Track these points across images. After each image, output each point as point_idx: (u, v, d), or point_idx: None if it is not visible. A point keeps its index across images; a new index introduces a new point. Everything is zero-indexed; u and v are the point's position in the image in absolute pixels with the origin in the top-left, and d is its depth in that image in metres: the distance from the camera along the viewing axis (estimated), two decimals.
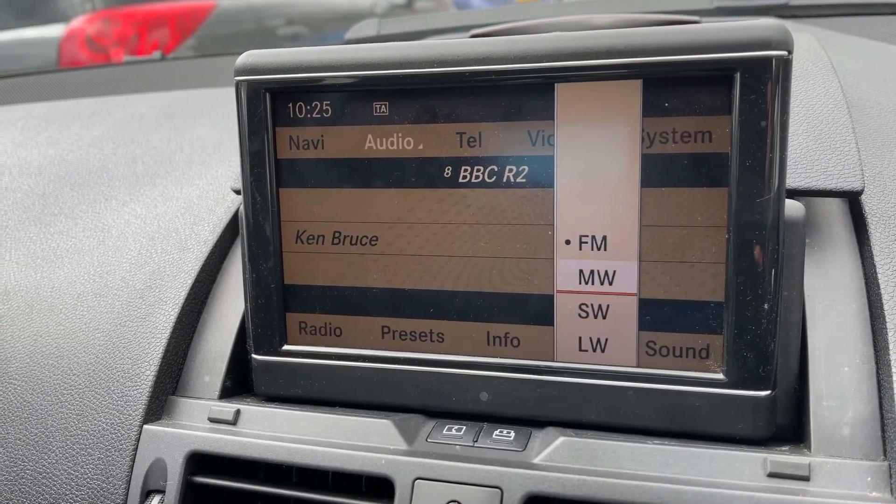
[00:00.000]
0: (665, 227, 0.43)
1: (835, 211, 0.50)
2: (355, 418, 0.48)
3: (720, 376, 0.42)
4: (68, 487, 0.51)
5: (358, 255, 0.48)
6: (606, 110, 0.42)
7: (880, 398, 0.42)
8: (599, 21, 0.71)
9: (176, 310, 0.54)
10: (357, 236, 0.48)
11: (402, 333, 0.48)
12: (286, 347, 0.50)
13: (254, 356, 0.51)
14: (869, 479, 0.39)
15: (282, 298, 0.50)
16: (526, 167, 0.44)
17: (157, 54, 1.24)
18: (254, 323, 0.50)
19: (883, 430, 0.41)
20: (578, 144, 0.43)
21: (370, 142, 0.47)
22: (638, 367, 0.44)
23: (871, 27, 0.87)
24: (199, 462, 0.49)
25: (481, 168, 0.45)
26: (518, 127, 0.44)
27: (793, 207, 0.43)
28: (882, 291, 0.43)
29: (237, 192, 0.60)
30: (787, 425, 0.44)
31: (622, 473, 0.41)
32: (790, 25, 0.40)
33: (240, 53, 0.48)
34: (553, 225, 0.44)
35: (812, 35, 0.65)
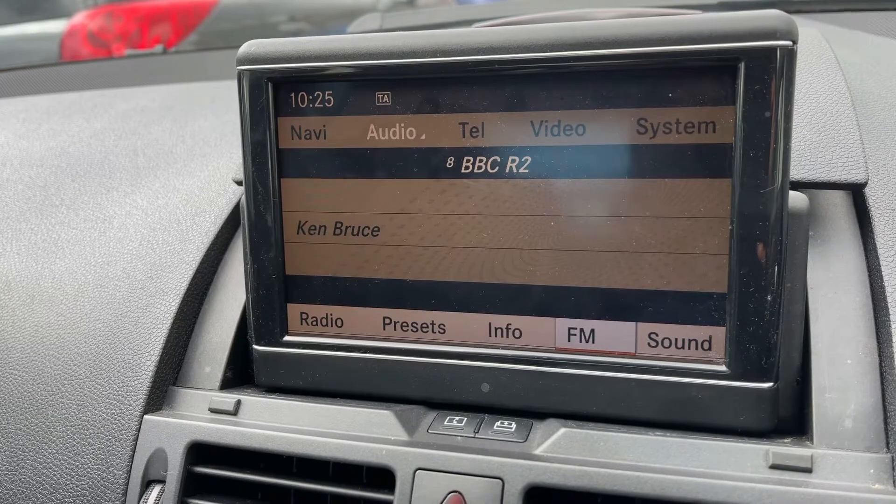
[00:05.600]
0: (668, 218, 0.42)
1: (838, 203, 0.50)
2: (356, 409, 0.48)
3: (722, 368, 0.42)
4: (69, 477, 0.51)
5: (359, 246, 0.48)
6: (610, 100, 0.42)
7: (883, 390, 0.41)
8: (602, 15, 0.71)
9: (177, 300, 0.54)
10: (359, 227, 0.48)
11: (404, 324, 0.48)
12: (287, 338, 0.50)
13: (255, 347, 0.51)
14: (871, 471, 0.39)
15: (283, 289, 0.50)
16: (529, 157, 0.44)
17: (159, 48, 1.24)
18: (255, 314, 0.50)
19: (885, 423, 0.41)
20: (582, 134, 0.43)
21: (372, 132, 0.47)
22: (640, 358, 0.44)
23: (876, 22, 0.87)
24: (200, 452, 0.49)
25: (484, 158, 0.45)
26: (521, 117, 0.44)
27: (796, 199, 0.43)
28: (885, 283, 0.43)
29: (238, 183, 0.60)
30: (789, 417, 0.44)
31: (623, 464, 0.41)
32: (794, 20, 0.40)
33: None
34: (556, 215, 0.44)
35: (816, 30, 0.65)
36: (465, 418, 0.46)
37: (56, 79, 1.19)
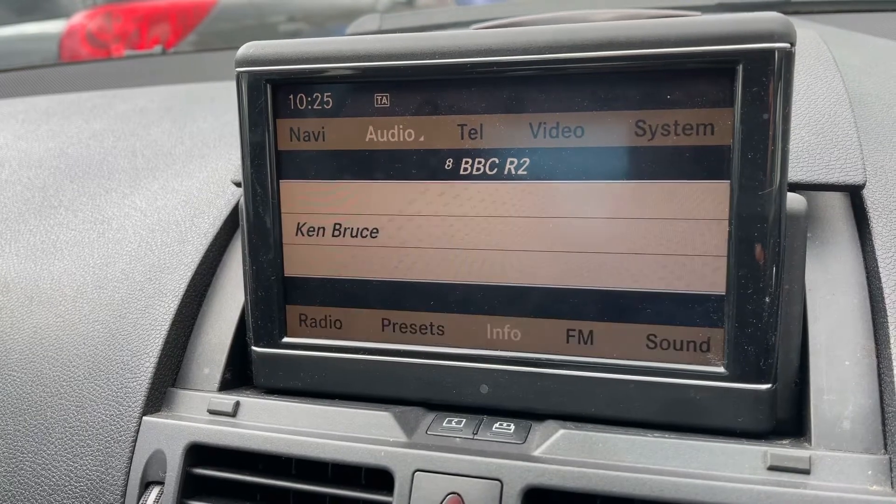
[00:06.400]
0: (666, 220, 0.42)
1: (836, 205, 0.50)
2: (355, 411, 0.48)
3: (721, 370, 0.42)
4: (67, 479, 0.51)
5: (358, 248, 0.48)
6: (608, 102, 0.42)
7: (881, 392, 0.42)
8: (600, 16, 0.71)
9: (176, 302, 0.54)
10: (358, 228, 0.48)
11: (403, 326, 0.48)
12: (286, 340, 0.50)
13: (253, 348, 0.51)
14: (869, 472, 0.39)
15: (282, 290, 0.50)
16: (527, 159, 0.44)
17: (158, 48, 1.24)
18: (254, 315, 0.50)
19: (883, 424, 0.41)
20: (580, 136, 0.43)
21: (371, 133, 0.47)
22: (638, 360, 0.44)
23: (874, 23, 0.87)
24: (199, 454, 0.49)
25: (482, 160, 0.45)
26: (519, 119, 0.44)
27: (794, 201, 0.43)
28: (883, 285, 0.43)
29: (237, 185, 0.60)
30: (787, 419, 0.44)
31: (622, 466, 0.41)
32: (792, 21, 0.40)
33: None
34: (555, 217, 0.44)
35: (814, 31, 0.65)
36: (464, 420, 0.46)
37: (55, 79, 1.19)
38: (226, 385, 0.53)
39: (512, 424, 0.46)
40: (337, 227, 0.49)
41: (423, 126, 0.46)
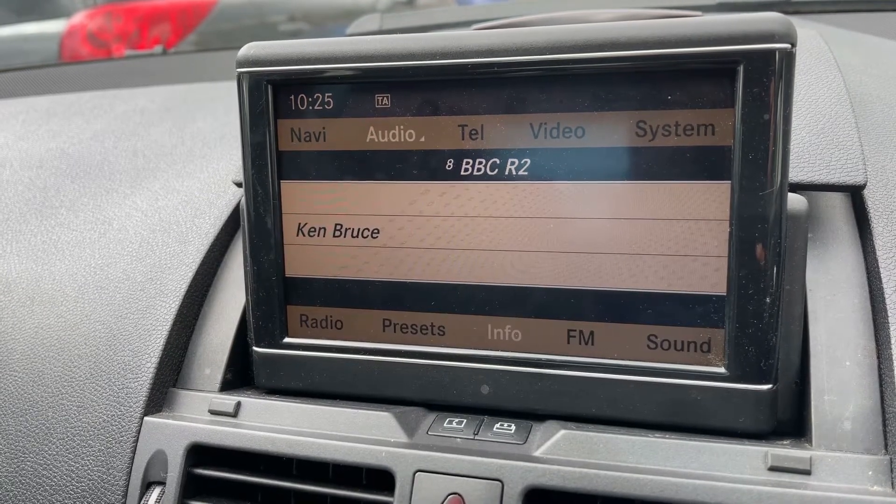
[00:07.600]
0: (667, 221, 0.42)
1: (837, 205, 0.50)
2: (356, 411, 0.48)
3: (721, 370, 0.42)
4: (68, 479, 0.51)
5: (359, 248, 0.48)
6: (609, 103, 0.42)
7: (881, 392, 0.42)
8: (601, 16, 0.71)
9: (177, 302, 0.54)
10: (358, 229, 0.48)
11: (403, 326, 0.48)
12: (287, 340, 0.50)
13: (254, 349, 0.51)
14: (870, 472, 0.39)
15: (283, 291, 0.50)
16: (528, 160, 0.44)
17: (158, 48, 1.24)
18: (255, 315, 0.50)
19: (884, 425, 0.41)
20: (581, 137, 0.43)
21: (372, 134, 0.47)
22: (639, 360, 0.44)
23: (874, 23, 0.87)
24: (200, 454, 0.49)
25: (483, 161, 0.45)
26: (520, 119, 0.44)
27: (795, 201, 0.43)
28: (884, 286, 0.43)
29: (238, 185, 0.60)
30: (788, 420, 0.44)
31: (623, 466, 0.41)
32: (793, 21, 0.40)
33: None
34: (555, 218, 0.44)
35: (815, 30, 0.65)
36: (465, 420, 0.46)
37: (55, 79, 1.19)
38: (227, 385, 0.53)
39: (513, 425, 0.46)
40: (338, 227, 0.49)
41: (424, 127, 0.46)
